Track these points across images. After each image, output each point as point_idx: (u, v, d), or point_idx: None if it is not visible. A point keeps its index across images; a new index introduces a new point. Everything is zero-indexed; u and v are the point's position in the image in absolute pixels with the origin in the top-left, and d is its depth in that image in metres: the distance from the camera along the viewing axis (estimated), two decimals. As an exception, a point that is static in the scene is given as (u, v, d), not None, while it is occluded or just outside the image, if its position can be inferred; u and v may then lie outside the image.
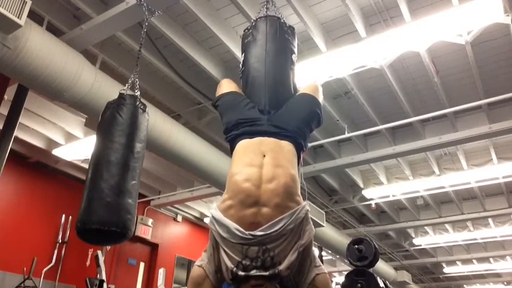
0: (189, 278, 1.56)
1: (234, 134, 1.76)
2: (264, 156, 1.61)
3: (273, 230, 1.46)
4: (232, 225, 1.48)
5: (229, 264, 1.45)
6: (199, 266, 1.55)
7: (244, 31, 2.12)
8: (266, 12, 2.16)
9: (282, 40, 2.01)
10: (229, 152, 1.82)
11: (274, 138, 1.69)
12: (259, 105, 1.82)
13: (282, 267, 1.45)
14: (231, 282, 1.47)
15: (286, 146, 1.69)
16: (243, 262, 1.44)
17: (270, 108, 1.80)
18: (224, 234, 1.48)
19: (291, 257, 1.47)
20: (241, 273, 1.43)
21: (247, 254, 1.45)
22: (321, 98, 1.95)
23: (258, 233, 1.46)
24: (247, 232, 1.46)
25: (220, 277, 1.51)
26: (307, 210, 1.58)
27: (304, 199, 1.63)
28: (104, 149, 2.56)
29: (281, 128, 1.72)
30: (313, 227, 1.58)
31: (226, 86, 1.99)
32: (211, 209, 1.60)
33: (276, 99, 1.84)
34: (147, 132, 2.81)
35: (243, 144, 1.70)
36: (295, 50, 2.08)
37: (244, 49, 2.05)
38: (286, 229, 1.48)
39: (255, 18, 2.10)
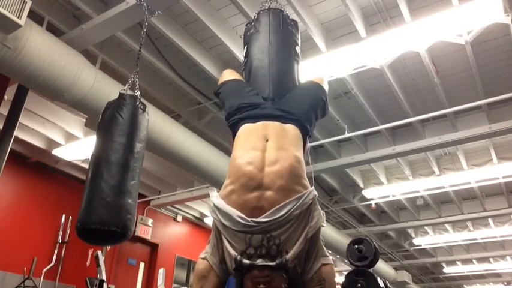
0: (194, 271, 1.50)
1: (236, 118, 1.69)
2: (267, 140, 1.54)
3: (277, 216, 1.38)
4: (235, 212, 1.40)
5: (233, 253, 1.38)
6: (203, 258, 1.48)
7: (246, 25, 2.10)
8: (268, 6, 2.14)
9: (286, 31, 1.99)
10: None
11: (278, 122, 1.61)
12: (263, 93, 1.77)
13: (288, 256, 1.36)
14: (235, 273, 1.40)
15: (292, 129, 1.61)
16: (247, 251, 1.37)
17: (274, 96, 1.75)
18: (226, 222, 1.41)
19: (299, 246, 1.38)
20: (246, 261, 1.35)
21: (251, 242, 1.38)
22: (326, 87, 1.90)
23: (262, 219, 1.38)
24: (250, 219, 1.38)
25: (226, 268, 1.44)
26: (315, 194, 1.48)
27: (311, 185, 1.53)
28: (104, 149, 2.56)
29: (286, 112, 1.65)
30: (321, 212, 1.50)
31: (229, 74, 1.96)
32: (213, 197, 1.51)
33: (280, 88, 1.80)
34: (147, 132, 2.81)
35: (245, 129, 1.63)
36: (299, 42, 2.06)
37: (247, 41, 2.02)
38: (292, 215, 1.39)
39: (258, 11, 2.08)
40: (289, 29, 2.00)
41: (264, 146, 1.52)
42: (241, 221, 1.39)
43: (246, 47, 2.02)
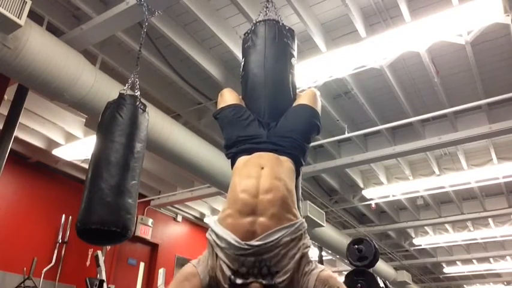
0: (179, 272, 1.56)
1: (233, 151, 1.80)
2: (263, 168, 1.63)
3: (269, 240, 1.48)
4: (230, 235, 1.50)
5: (227, 272, 1.47)
6: (193, 265, 1.56)
7: (244, 35, 2.11)
8: (266, 13, 2.15)
9: (281, 44, 2.00)
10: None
11: (273, 153, 1.72)
12: (258, 113, 1.85)
13: (279, 278, 1.45)
14: None
15: (285, 161, 1.72)
16: (240, 270, 1.47)
17: (270, 116, 1.83)
18: (222, 245, 1.51)
19: (289, 268, 1.47)
20: (239, 280, 1.45)
21: (244, 263, 1.47)
22: (319, 107, 1.95)
23: (255, 243, 1.47)
24: (243, 242, 1.48)
25: (212, 284, 1.52)
26: (305, 226, 1.59)
27: (299, 209, 1.65)
28: (104, 149, 2.56)
29: (280, 145, 1.74)
30: (309, 240, 1.60)
31: (228, 97, 1.99)
32: (210, 221, 1.63)
33: (276, 106, 1.86)
34: (147, 132, 2.81)
35: (242, 161, 1.74)
36: (295, 53, 2.07)
37: (244, 54, 2.05)
38: (283, 240, 1.49)
39: (254, 22, 2.09)
40: (285, 41, 2.01)
41: (259, 174, 1.62)
42: (236, 244, 1.49)
43: (243, 60, 2.05)
